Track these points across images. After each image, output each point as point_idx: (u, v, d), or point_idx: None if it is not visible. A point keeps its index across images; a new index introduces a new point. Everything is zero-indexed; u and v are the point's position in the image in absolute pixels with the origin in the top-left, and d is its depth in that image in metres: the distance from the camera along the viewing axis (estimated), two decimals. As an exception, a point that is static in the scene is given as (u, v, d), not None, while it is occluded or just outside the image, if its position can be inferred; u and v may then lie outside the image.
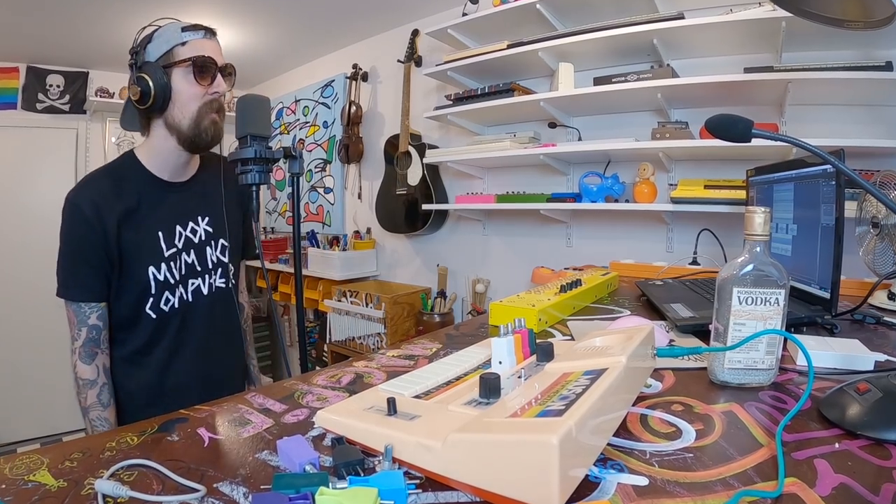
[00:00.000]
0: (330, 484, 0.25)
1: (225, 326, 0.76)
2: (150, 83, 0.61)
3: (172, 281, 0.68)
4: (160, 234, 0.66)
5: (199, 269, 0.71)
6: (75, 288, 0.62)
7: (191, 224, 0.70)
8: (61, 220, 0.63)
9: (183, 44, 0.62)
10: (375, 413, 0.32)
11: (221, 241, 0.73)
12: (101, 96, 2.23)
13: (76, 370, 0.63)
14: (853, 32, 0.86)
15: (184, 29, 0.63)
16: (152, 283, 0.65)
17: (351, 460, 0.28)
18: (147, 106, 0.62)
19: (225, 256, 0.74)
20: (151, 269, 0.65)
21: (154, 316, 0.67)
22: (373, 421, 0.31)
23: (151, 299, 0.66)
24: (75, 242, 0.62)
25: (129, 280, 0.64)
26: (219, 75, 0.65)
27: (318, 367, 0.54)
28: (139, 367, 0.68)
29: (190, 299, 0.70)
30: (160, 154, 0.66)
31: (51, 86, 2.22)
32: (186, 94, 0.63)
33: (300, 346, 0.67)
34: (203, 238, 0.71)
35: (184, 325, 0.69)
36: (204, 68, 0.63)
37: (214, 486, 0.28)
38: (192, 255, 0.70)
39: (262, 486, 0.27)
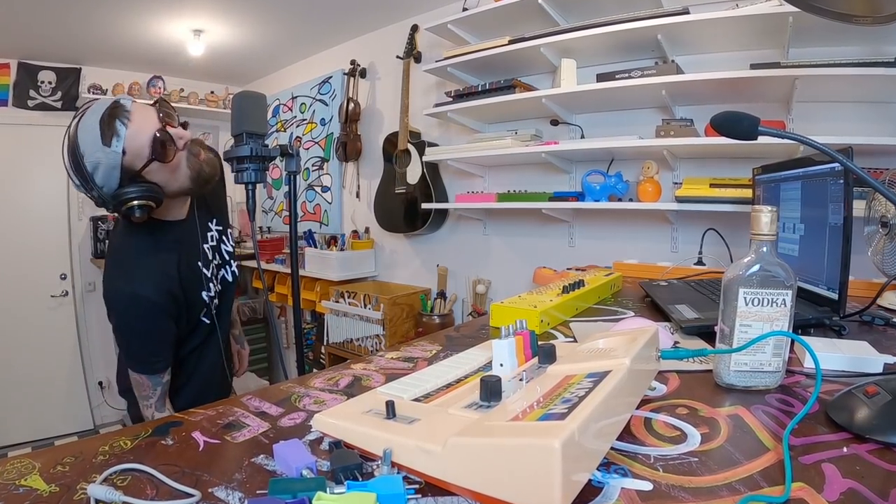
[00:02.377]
0: (327, 489, 0.25)
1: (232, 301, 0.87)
2: (141, 202, 0.59)
3: (216, 288, 0.77)
4: (199, 263, 0.73)
5: (221, 263, 0.80)
6: (155, 364, 0.66)
7: (209, 234, 0.77)
8: (126, 312, 0.62)
9: (124, 153, 0.57)
10: (374, 416, 0.32)
11: (229, 230, 0.83)
12: (94, 93, 2.19)
13: (154, 418, 0.68)
14: (861, 28, 0.84)
15: (106, 142, 0.56)
16: (206, 301, 0.74)
17: (349, 465, 0.28)
18: (156, 209, 0.63)
19: (233, 241, 0.83)
20: (204, 293, 0.73)
21: (207, 321, 0.75)
22: (371, 424, 0.31)
23: (205, 309, 0.75)
24: (151, 328, 0.64)
25: (191, 309, 0.71)
26: (170, 130, 0.60)
27: (315, 370, 0.56)
28: (192, 362, 0.75)
29: (220, 289, 0.79)
30: (174, 207, 0.70)
31: (42, 82, 2.18)
32: (167, 173, 0.62)
33: (297, 348, 0.67)
34: (218, 237, 0.79)
35: (222, 315, 0.79)
36: (162, 150, 0.59)
37: (209, 491, 0.27)
38: (217, 257, 0.79)
39: (258, 491, 0.27)
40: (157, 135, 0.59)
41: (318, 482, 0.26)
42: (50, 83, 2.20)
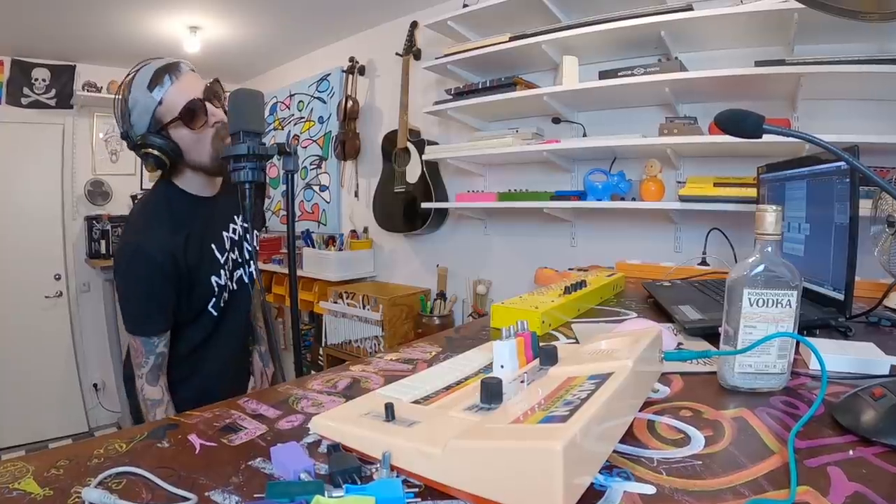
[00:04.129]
0: (325, 492, 0.25)
1: (250, 305, 0.85)
2: (157, 153, 0.64)
3: (227, 280, 0.75)
4: (213, 246, 0.72)
5: (240, 261, 0.79)
6: (148, 325, 0.67)
7: (231, 225, 0.77)
8: (128, 266, 0.65)
9: (160, 103, 0.63)
10: (373, 419, 0.32)
11: (255, 232, 0.82)
12: (88, 91, 2.17)
13: (143, 392, 0.68)
14: (868, 24, 0.83)
15: (150, 88, 0.63)
16: (215, 288, 0.72)
17: (347, 468, 0.27)
18: (168, 168, 0.66)
19: (256, 244, 0.82)
20: (213, 277, 0.72)
21: (215, 313, 0.74)
22: (370, 427, 0.30)
23: (214, 299, 0.73)
24: (147, 287, 0.65)
25: (196, 291, 0.70)
26: (208, 105, 0.66)
27: (313, 372, 0.56)
28: (196, 357, 0.74)
29: (235, 288, 0.78)
30: (195, 181, 0.71)
31: (36, 80, 2.16)
32: (192, 141, 0.66)
33: (295, 349, 0.67)
34: (241, 234, 0.79)
35: (231, 315, 0.77)
36: (192, 115, 0.64)
37: (206, 494, 0.27)
38: (236, 252, 0.78)
39: (255, 495, 0.27)
40: (189, 103, 0.64)
41: (317, 486, 0.25)
42: (44, 80, 2.18)
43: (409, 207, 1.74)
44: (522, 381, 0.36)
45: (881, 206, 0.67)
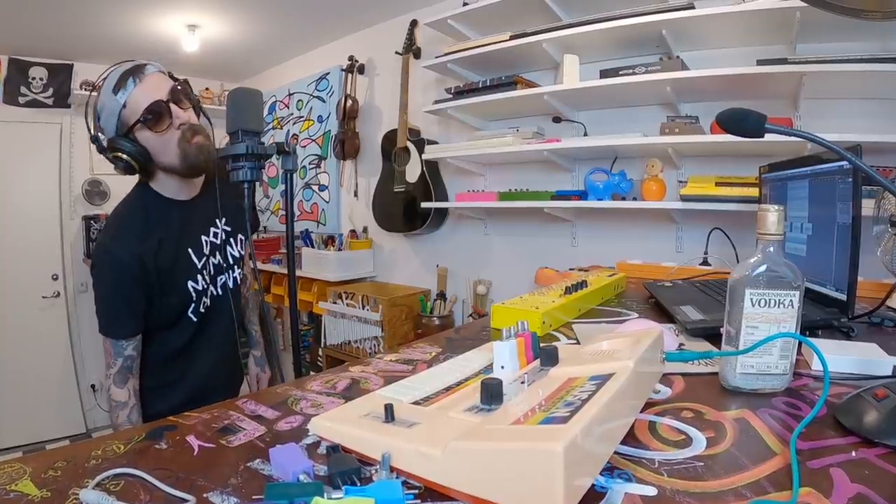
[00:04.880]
0: (325, 494, 0.24)
1: (237, 310, 0.83)
2: (125, 156, 0.64)
3: (206, 285, 0.74)
4: (190, 250, 0.72)
5: (224, 265, 0.78)
6: (116, 327, 0.67)
7: (212, 229, 0.76)
8: (99, 268, 0.66)
9: (124, 106, 0.63)
10: (372, 420, 0.31)
11: (239, 235, 0.81)
12: (86, 90, 2.15)
13: (110, 392, 0.68)
14: (870, 23, 0.83)
15: (115, 91, 0.63)
16: (192, 294, 0.72)
17: (347, 469, 0.27)
18: (139, 172, 0.67)
19: (243, 249, 0.81)
20: (190, 283, 0.72)
21: (195, 319, 0.73)
22: (370, 428, 0.30)
23: (193, 305, 0.73)
24: (117, 289, 0.66)
25: (171, 296, 0.70)
26: (173, 106, 0.65)
27: (312, 373, 0.56)
28: (181, 362, 0.74)
29: (220, 293, 0.77)
30: (170, 184, 0.71)
31: (34, 79, 2.15)
32: (157, 143, 0.66)
33: (294, 350, 0.67)
34: (224, 238, 0.77)
35: (216, 319, 0.76)
36: (154, 117, 0.64)
37: (204, 496, 0.27)
38: (218, 256, 0.77)
39: (254, 497, 0.27)
40: (150, 106, 0.64)
41: (316, 487, 0.25)
42: (41, 79, 2.17)
43: (409, 207, 1.74)
44: (523, 382, 0.36)
45: (884, 205, 0.67)
